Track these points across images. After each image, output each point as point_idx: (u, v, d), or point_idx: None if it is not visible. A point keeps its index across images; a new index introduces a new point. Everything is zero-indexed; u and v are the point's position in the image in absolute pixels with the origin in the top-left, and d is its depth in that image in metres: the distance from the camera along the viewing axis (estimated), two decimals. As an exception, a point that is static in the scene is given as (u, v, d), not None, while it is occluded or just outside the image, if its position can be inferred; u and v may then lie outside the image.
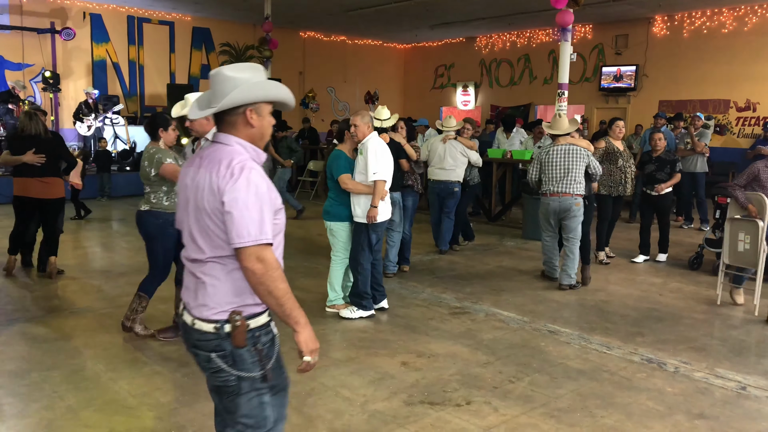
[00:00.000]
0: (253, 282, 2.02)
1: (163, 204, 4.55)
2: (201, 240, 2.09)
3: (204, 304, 2.09)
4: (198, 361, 2.17)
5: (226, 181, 2.01)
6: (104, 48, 14.95)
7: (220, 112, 2.12)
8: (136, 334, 4.67)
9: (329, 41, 18.89)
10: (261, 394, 2.15)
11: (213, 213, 2.04)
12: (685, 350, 4.72)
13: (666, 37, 14.70)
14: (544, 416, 3.62)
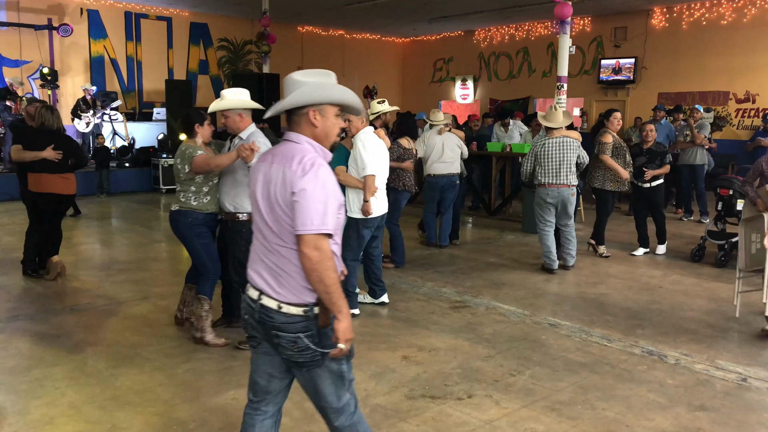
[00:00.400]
0: (307, 268, 2.20)
1: (191, 204, 4.42)
2: (278, 229, 2.29)
3: (290, 289, 2.29)
4: (278, 342, 2.32)
5: (298, 175, 2.21)
6: (102, 44, 14.90)
7: (290, 113, 2.33)
8: (207, 344, 4.48)
9: (327, 36, 18.84)
10: (341, 363, 2.39)
11: (285, 205, 2.24)
12: (685, 342, 4.73)
13: (665, 29, 14.67)
14: (546, 409, 3.62)
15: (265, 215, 2.32)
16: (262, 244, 2.36)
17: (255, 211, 2.39)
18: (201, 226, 4.43)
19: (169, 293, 5.85)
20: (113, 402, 3.64)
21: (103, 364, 4.19)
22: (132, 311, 5.31)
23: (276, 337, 2.32)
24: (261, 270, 2.36)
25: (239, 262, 4.34)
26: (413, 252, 7.65)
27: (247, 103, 4.40)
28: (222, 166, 4.26)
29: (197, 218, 4.40)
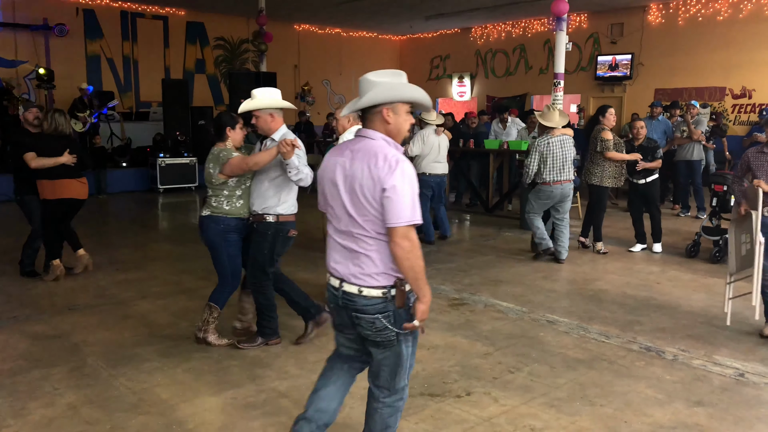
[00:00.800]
0: (399, 256, 2.42)
1: (224, 208, 4.26)
2: (361, 220, 2.49)
3: (370, 274, 2.50)
4: (358, 323, 2.57)
5: (386, 172, 2.40)
6: (98, 44, 14.88)
7: (365, 111, 2.54)
8: (209, 344, 4.45)
9: (324, 34, 18.83)
10: (408, 343, 2.63)
11: (372, 198, 2.43)
12: (683, 338, 4.74)
13: (661, 25, 14.68)
14: (544, 406, 3.63)
15: (348, 208, 2.50)
16: (341, 233, 2.57)
17: (334, 203, 2.58)
18: (232, 233, 4.31)
19: (168, 293, 5.86)
20: (112, 402, 3.63)
21: (101, 364, 4.19)
22: (130, 311, 5.31)
23: (357, 319, 2.57)
24: (341, 258, 2.58)
25: (258, 264, 4.31)
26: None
27: (278, 102, 4.24)
28: (261, 164, 4.09)
29: (229, 224, 4.27)
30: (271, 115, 4.21)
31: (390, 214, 2.39)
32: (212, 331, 4.50)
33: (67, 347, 4.48)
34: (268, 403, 3.66)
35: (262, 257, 4.29)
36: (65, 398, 3.68)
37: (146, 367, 4.14)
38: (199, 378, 4.00)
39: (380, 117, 2.53)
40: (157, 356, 4.33)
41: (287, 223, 4.33)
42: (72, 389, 3.80)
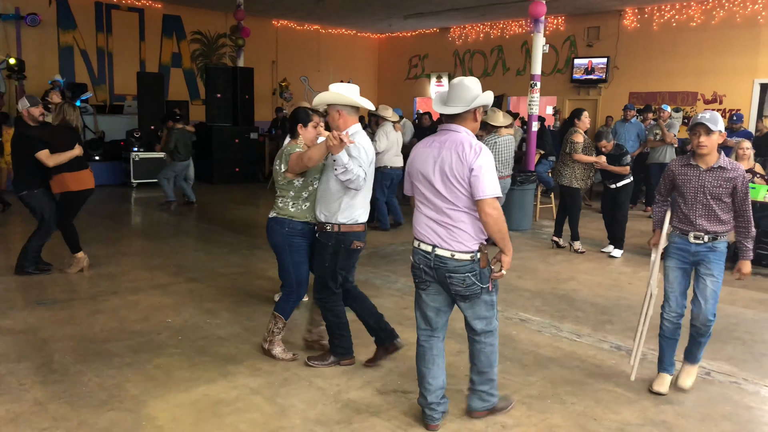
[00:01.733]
0: (489, 223, 3.07)
1: (289, 210, 4.02)
2: (451, 197, 3.12)
3: (460, 241, 3.14)
4: (450, 282, 3.18)
5: (472, 156, 3.05)
6: (71, 35, 14.61)
7: (454, 105, 3.18)
8: (275, 357, 4.19)
9: (302, 30, 18.73)
10: (491, 294, 3.29)
11: (461, 178, 3.07)
12: (652, 337, 4.78)
13: (636, 30, 14.88)
14: (516, 403, 3.66)
15: (439, 188, 3.14)
16: (432, 209, 3.20)
17: (425, 186, 3.21)
18: (297, 237, 4.03)
19: (139, 288, 5.78)
20: (80, 399, 3.58)
21: (70, 360, 4.12)
22: (101, 306, 5.23)
23: (449, 278, 3.17)
24: (433, 229, 3.20)
25: (322, 278, 3.98)
26: (387, 248, 7.66)
27: (344, 98, 3.90)
28: (314, 159, 3.79)
29: (294, 228, 4.01)
30: (338, 112, 3.90)
31: (478, 190, 3.04)
32: (278, 342, 4.22)
33: (34, 342, 4.40)
34: (240, 399, 3.64)
35: (324, 271, 3.95)
36: (32, 394, 3.62)
37: (116, 363, 4.08)
38: (171, 374, 3.95)
39: (472, 116, 3.20)
40: (127, 352, 4.27)
41: (351, 234, 3.86)
42: (39, 385, 3.73)
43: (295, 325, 4.75)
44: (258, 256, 7.09)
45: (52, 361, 4.10)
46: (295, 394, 3.73)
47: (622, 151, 7.45)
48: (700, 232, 3.78)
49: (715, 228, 3.76)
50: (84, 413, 3.41)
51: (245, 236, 8.16)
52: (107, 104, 14.88)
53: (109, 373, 3.93)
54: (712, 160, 3.74)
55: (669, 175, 3.99)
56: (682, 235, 3.85)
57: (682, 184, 3.84)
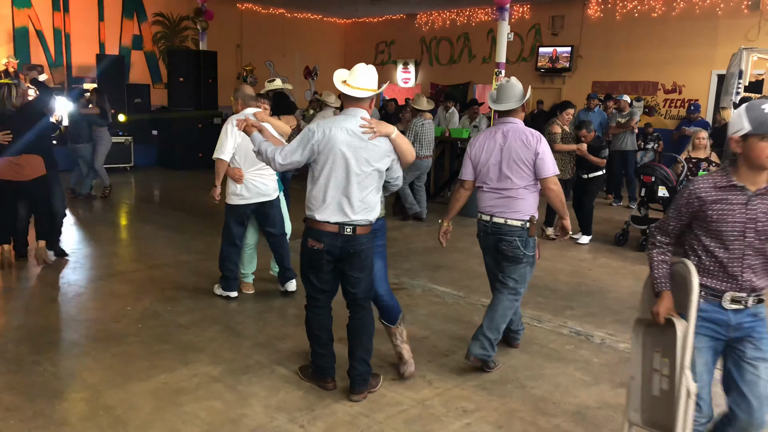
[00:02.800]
0: (552, 196, 3.84)
1: None
2: (514, 177, 3.78)
3: (516, 211, 3.79)
4: (501, 244, 3.83)
5: (536, 143, 3.76)
6: (26, 13, 14.10)
7: (508, 103, 3.89)
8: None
9: (267, 14, 18.44)
10: (530, 264, 3.91)
11: (526, 161, 3.76)
12: (611, 323, 4.92)
13: (600, 20, 15.06)
14: (477, 388, 3.71)
15: (504, 170, 3.79)
16: (496, 188, 3.84)
17: (491, 170, 3.83)
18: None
19: (97, 276, 5.66)
20: (35, 388, 3.49)
21: (24, 349, 4.01)
22: (56, 294, 5.11)
23: (500, 241, 3.83)
24: (492, 202, 3.86)
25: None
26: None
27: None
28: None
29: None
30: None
31: (543, 170, 3.75)
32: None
33: (-13, 331, 4.28)
34: (201, 387, 3.60)
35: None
36: (-16, 384, 3.52)
37: (73, 352, 4.00)
38: (129, 363, 3.89)
39: (522, 109, 3.90)
40: (85, 341, 4.18)
41: (307, 230, 3.44)
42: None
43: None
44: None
45: (6, 350, 3.99)
46: (257, 381, 3.70)
47: (602, 144, 7.62)
48: (742, 293, 2.52)
49: (763, 283, 2.54)
50: (39, 403, 3.33)
51: (208, 222, 8.04)
52: (65, 87, 14.45)
53: (65, 362, 3.85)
54: (764, 179, 2.46)
55: (690, 204, 2.55)
56: (712, 298, 2.56)
57: (719, 219, 2.48)
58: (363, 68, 3.40)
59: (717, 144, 8.85)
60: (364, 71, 3.39)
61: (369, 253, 3.48)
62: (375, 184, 3.40)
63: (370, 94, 3.37)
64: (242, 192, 4.91)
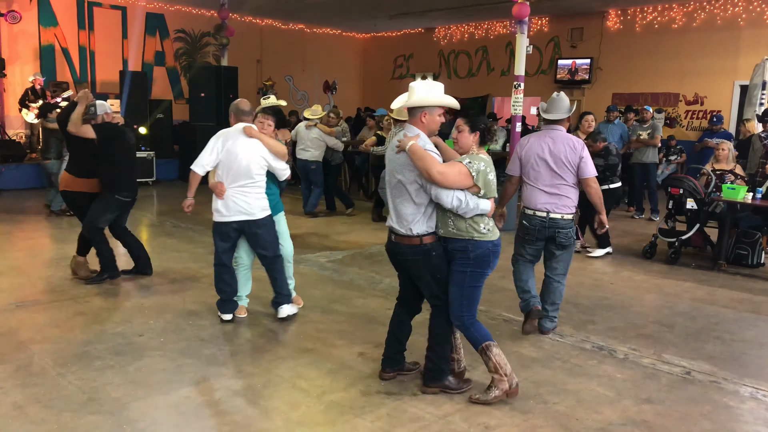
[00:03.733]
0: (592, 192, 4.61)
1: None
2: (563, 175, 4.55)
3: (567, 206, 4.59)
4: (557, 235, 4.60)
5: (580, 148, 4.56)
6: (52, 32, 14.43)
7: (557, 114, 4.71)
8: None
9: (287, 29, 18.65)
10: (574, 246, 4.86)
11: (572, 163, 4.54)
12: (634, 337, 4.86)
13: (619, 31, 15.00)
14: (498, 404, 3.67)
15: (554, 169, 4.54)
16: (546, 185, 4.58)
17: (541, 168, 4.57)
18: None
19: (121, 290, 5.73)
20: (60, 402, 3.54)
21: (49, 362, 4.07)
22: (82, 308, 5.18)
23: (557, 233, 4.59)
24: (547, 199, 4.57)
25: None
26: (373, 247, 7.67)
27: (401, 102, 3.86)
28: None
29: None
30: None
31: (585, 171, 4.56)
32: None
33: (13, 345, 4.34)
34: (223, 401, 3.62)
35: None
36: (10, 397, 3.57)
37: (97, 366, 4.04)
38: (153, 376, 3.92)
39: (566, 120, 4.71)
40: (108, 354, 4.23)
41: None
42: (18, 388, 3.69)
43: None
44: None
45: (31, 363, 4.05)
46: (278, 396, 3.71)
47: (611, 153, 7.41)
48: None
49: None
50: (64, 416, 3.37)
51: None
52: (89, 103, 14.71)
53: (89, 375, 3.89)
54: None
55: None
56: None
57: None
58: (401, 96, 3.89)
59: (742, 156, 8.74)
60: (398, 98, 4.06)
61: (415, 266, 3.65)
62: (404, 195, 3.56)
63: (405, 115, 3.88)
64: (221, 208, 4.75)
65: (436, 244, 3.62)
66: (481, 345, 3.67)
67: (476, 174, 3.49)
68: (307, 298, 5.57)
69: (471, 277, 3.61)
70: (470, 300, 3.65)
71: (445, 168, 3.44)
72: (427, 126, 3.64)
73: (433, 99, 3.64)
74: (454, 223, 3.56)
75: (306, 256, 7.18)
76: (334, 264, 6.85)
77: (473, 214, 3.51)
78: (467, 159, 3.54)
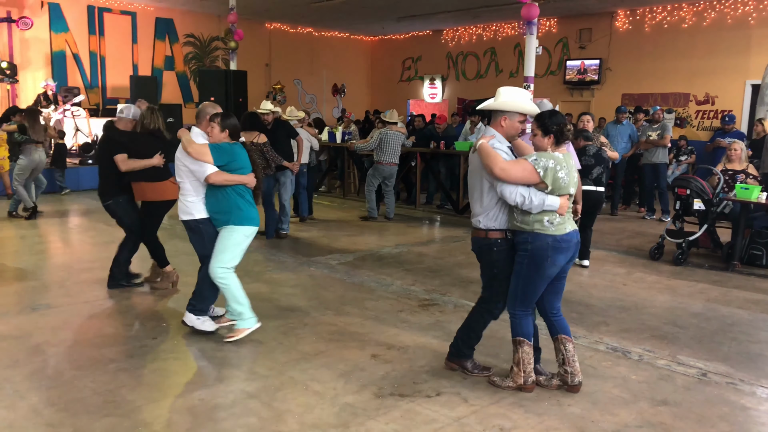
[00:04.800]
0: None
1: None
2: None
3: None
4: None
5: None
6: (63, 38, 14.56)
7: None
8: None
9: (296, 33, 18.72)
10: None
11: None
12: (648, 338, 4.83)
13: (628, 32, 14.95)
14: (513, 406, 3.66)
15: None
16: None
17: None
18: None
19: (134, 292, 5.75)
20: (76, 404, 3.55)
21: (65, 365, 4.09)
22: (95, 311, 5.20)
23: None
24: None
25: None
26: (383, 249, 7.67)
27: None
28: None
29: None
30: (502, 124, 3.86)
31: None
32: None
33: (29, 348, 4.37)
34: (236, 403, 3.62)
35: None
36: (27, 400, 3.59)
37: (111, 368, 4.05)
38: (167, 379, 3.93)
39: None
40: (123, 357, 4.24)
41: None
42: (34, 391, 3.71)
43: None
44: (255, 259, 7.07)
45: (47, 366, 4.07)
46: (292, 398, 3.71)
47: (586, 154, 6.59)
48: None
49: None
50: (80, 419, 3.38)
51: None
52: (100, 107, 14.82)
53: (104, 378, 3.90)
54: None
55: None
56: None
57: None
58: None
59: (756, 155, 8.68)
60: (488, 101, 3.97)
61: (479, 257, 3.90)
62: (477, 192, 3.80)
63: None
64: None
65: (501, 240, 3.78)
66: (515, 337, 3.84)
67: (543, 171, 3.54)
68: (319, 300, 5.58)
69: (527, 269, 3.68)
70: (524, 293, 3.74)
71: (508, 165, 3.55)
72: (505, 130, 3.78)
73: (513, 105, 3.76)
74: (521, 216, 3.66)
75: (316, 258, 7.19)
76: (344, 266, 6.85)
77: (539, 210, 3.58)
78: (534, 156, 3.60)
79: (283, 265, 6.83)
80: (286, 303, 5.43)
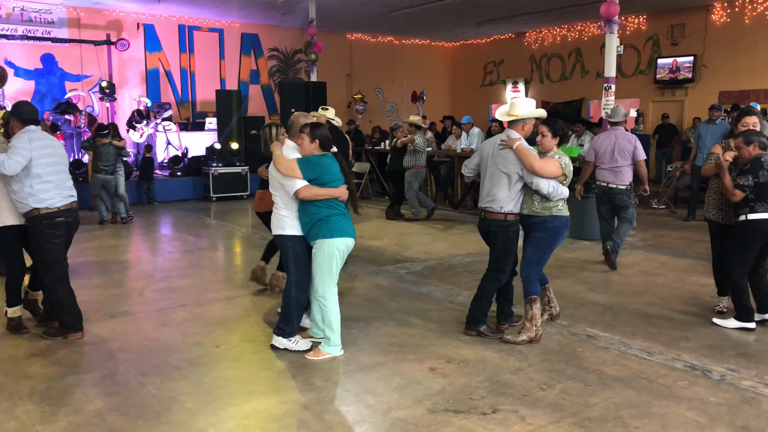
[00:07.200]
0: (642, 171, 6.87)
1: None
2: (620, 159, 6.82)
3: (623, 182, 6.86)
4: (614, 200, 6.94)
5: (634, 141, 6.90)
6: (157, 57, 15.38)
7: (617, 119, 7.13)
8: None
9: (376, 42, 18.88)
10: (634, 207, 6.97)
11: (629, 152, 6.84)
12: (733, 357, 4.44)
13: (726, 25, 14.01)
14: (573, 426, 3.45)
15: (616, 155, 6.82)
16: (610, 165, 6.86)
17: (609, 155, 6.88)
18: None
19: (206, 301, 5.93)
20: (137, 410, 3.68)
21: (133, 371, 4.26)
22: (168, 319, 5.40)
23: (615, 198, 6.90)
24: (608, 176, 6.90)
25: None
26: (453, 259, 7.53)
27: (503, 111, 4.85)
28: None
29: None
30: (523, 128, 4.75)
31: (638, 156, 6.81)
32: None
33: (103, 354, 4.59)
34: (289, 414, 3.63)
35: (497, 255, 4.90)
36: (94, 405, 3.76)
37: (174, 376, 4.18)
38: (225, 388, 4.01)
39: (624, 122, 7.14)
40: (186, 364, 4.37)
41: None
42: (101, 396, 3.88)
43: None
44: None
45: (116, 372, 4.26)
46: (345, 411, 3.68)
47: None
48: None
49: None
50: (138, 425, 3.50)
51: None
52: (189, 122, 15.54)
53: (167, 385, 4.03)
54: None
55: None
56: None
57: None
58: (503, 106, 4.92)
59: None
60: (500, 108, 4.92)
61: (495, 236, 4.74)
62: (503, 182, 4.63)
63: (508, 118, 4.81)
64: None
65: (516, 222, 4.73)
66: (531, 296, 4.69)
67: (564, 166, 4.59)
68: (384, 311, 5.54)
69: (546, 243, 4.67)
70: (539, 261, 4.72)
71: (544, 162, 4.52)
72: (525, 132, 4.73)
73: (533, 113, 4.73)
74: (540, 203, 4.61)
75: (386, 267, 7.16)
76: (413, 276, 6.77)
77: (558, 197, 4.59)
78: (557, 155, 4.61)
79: (351, 274, 6.84)
80: (350, 313, 5.40)
